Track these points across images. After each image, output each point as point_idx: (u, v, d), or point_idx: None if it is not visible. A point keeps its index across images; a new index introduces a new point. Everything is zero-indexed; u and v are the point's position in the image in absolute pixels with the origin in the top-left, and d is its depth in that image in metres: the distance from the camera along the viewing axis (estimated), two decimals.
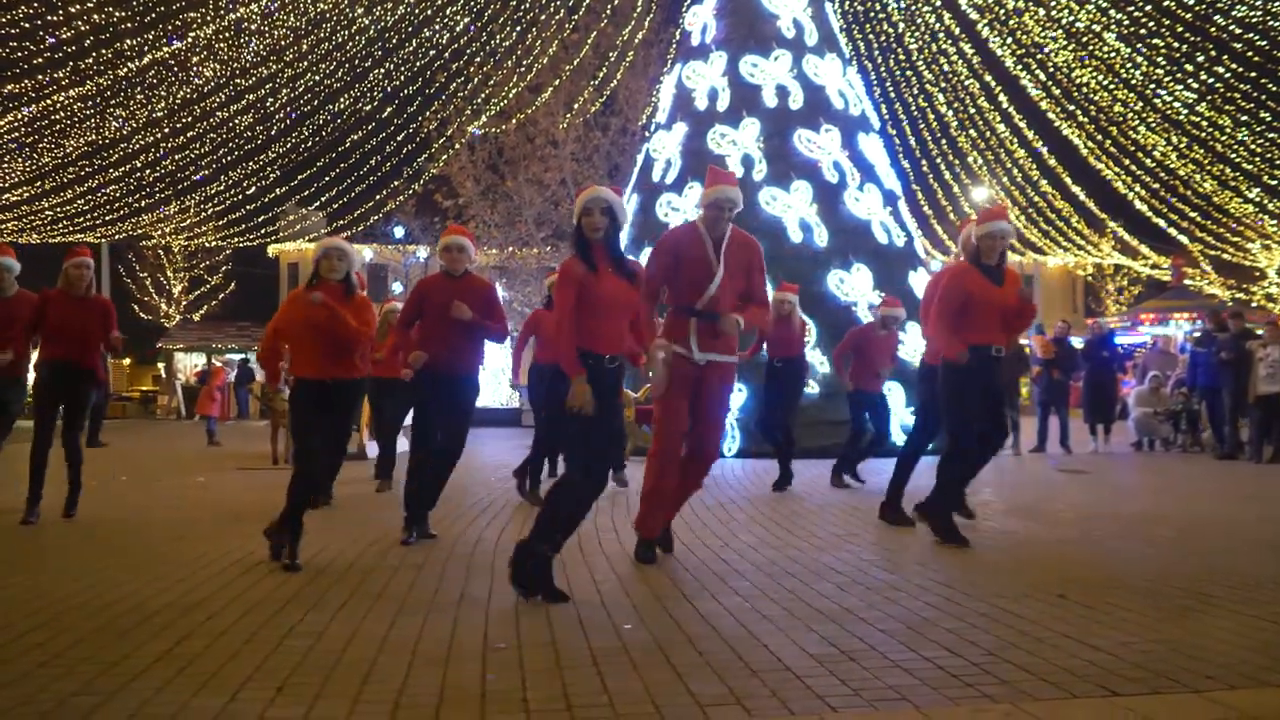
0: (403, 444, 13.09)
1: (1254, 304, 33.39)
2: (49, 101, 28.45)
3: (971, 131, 34.03)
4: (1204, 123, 31.07)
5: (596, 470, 4.90)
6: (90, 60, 28.09)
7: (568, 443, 5.11)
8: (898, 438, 13.70)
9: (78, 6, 26.32)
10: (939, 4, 30.89)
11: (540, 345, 8.99)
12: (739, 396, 13.54)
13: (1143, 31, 29.43)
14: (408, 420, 9.55)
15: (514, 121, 29.45)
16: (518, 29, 31.05)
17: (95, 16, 26.80)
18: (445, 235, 6.87)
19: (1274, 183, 32.00)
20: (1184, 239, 34.15)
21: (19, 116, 28.48)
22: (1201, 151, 32.02)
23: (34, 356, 8.04)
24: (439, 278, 6.77)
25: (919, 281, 15.18)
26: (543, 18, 30.30)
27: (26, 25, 26.64)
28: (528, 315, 10.05)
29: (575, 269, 4.95)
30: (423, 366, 6.55)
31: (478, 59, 31.63)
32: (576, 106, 29.26)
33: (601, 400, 4.84)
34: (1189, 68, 29.92)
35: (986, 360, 6.36)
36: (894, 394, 13.88)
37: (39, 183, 31.19)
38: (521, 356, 9.70)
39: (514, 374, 9.67)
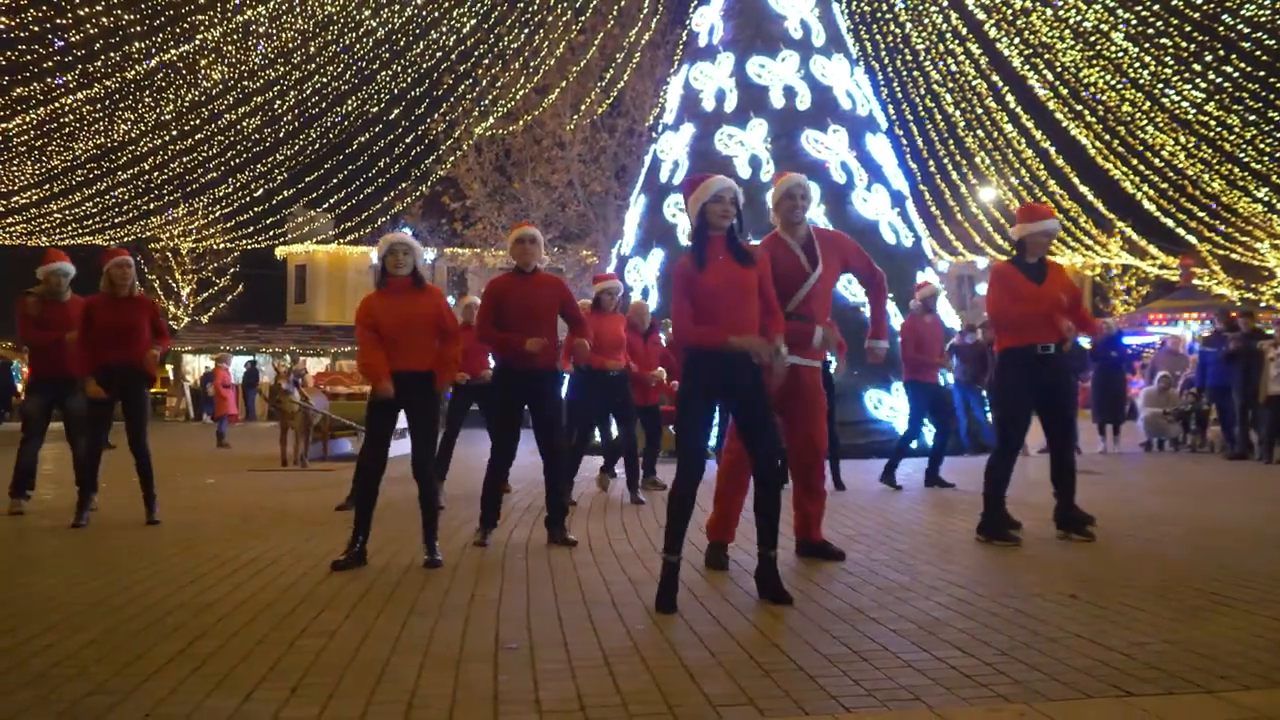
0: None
1: (1263, 304, 33.29)
2: (57, 104, 28.55)
3: (979, 131, 34.02)
4: (1212, 122, 31.04)
5: (764, 463, 4.81)
6: (99, 63, 28.21)
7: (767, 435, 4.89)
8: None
9: (86, 10, 26.41)
10: (946, 4, 30.87)
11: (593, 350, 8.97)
12: None
13: (1150, 31, 29.39)
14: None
15: (521, 123, 29.49)
16: (525, 31, 31.09)
17: (104, 19, 26.89)
18: (515, 228, 6.83)
19: None
20: (1192, 239, 34.10)
21: (28, 119, 28.59)
22: (1210, 151, 31.98)
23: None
24: (511, 277, 6.70)
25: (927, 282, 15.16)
26: (549, 19, 30.33)
27: (35, 29, 26.76)
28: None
29: (681, 267, 4.88)
30: (503, 366, 6.61)
31: (485, 61, 31.69)
32: (583, 108, 29.31)
33: (720, 386, 4.78)
34: (1197, 67, 29.88)
35: (1033, 359, 6.35)
36: (901, 394, 13.89)
37: (48, 185, 31.32)
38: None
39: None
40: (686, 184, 5.04)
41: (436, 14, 30.71)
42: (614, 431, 9.81)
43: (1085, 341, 17.41)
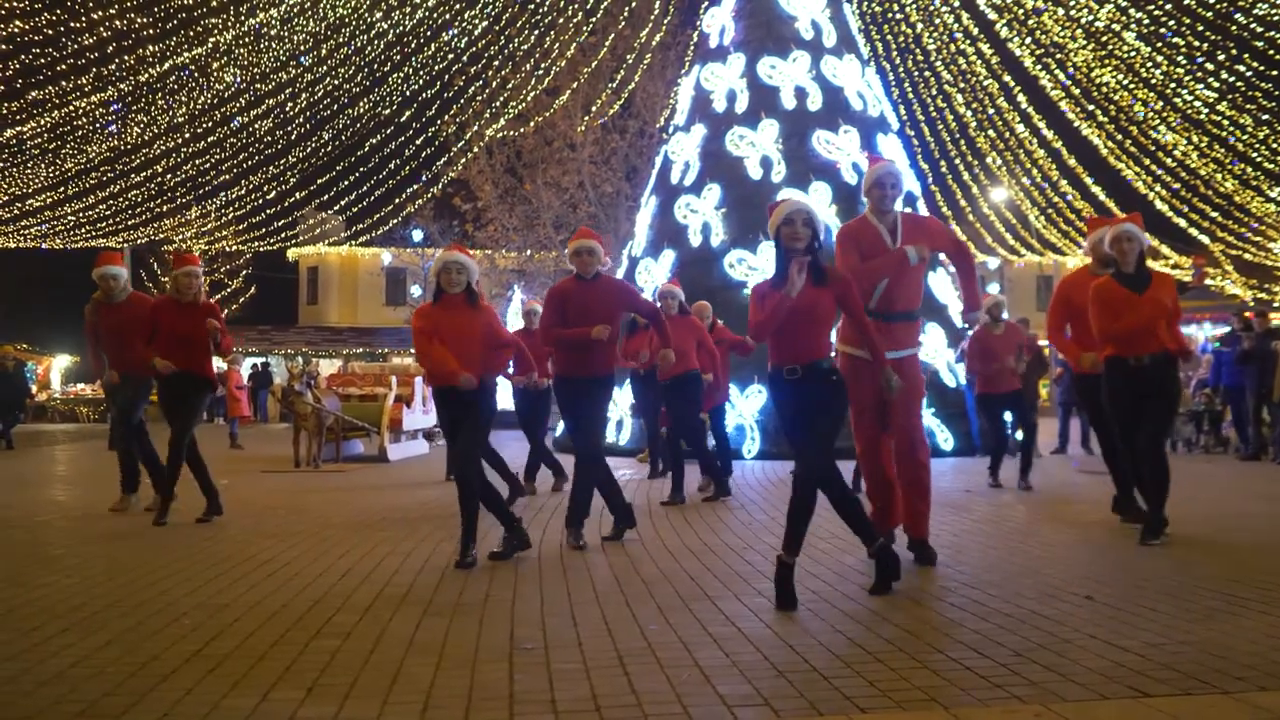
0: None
1: (1276, 304, 33.11)
2: (72, 107, 28.68)
3: (990, 132, 33.92)
4: (1225, 122, 30.87)
5: (803, 476, 4.93)
6: (112, 66, 28.33)
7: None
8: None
9: (100, 13, 26.53)
10: (957, 4, 30.80)
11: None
12: (759, 399, 13.54)
13: (1163, 30, 29.27)
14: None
15: (532, 125, 29.53)
16: (535, 32, 31.12)
17: (117, 23, 27.02)
18: (574, 239, 6.83)
19: None
20: (1205, 239, 33.93)
21: (43, 122, 28.73)
22: (1222, 151, 31.82)
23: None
24: (573, 281, 6.73)
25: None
26: (560, 21, 30.36)
27: (50, 32, 26.89)
28: None
29: (762, 289, 5.03)
30: (558, 371, 6.66)
31: (495, 63, 31.74)
32: (594, 109, 29.33)
33: (784, 409, 4.94)
34: (1209, 66, 29.73)
35: (1127, 370, 6.43)
36: None
37: (62, 188, 31.46)
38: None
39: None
40: (769, 207, 5.18)
41: (447, 16, 30.78)
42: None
43: None
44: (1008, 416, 10.49)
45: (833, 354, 5.19)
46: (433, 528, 7.35)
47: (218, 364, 8.75)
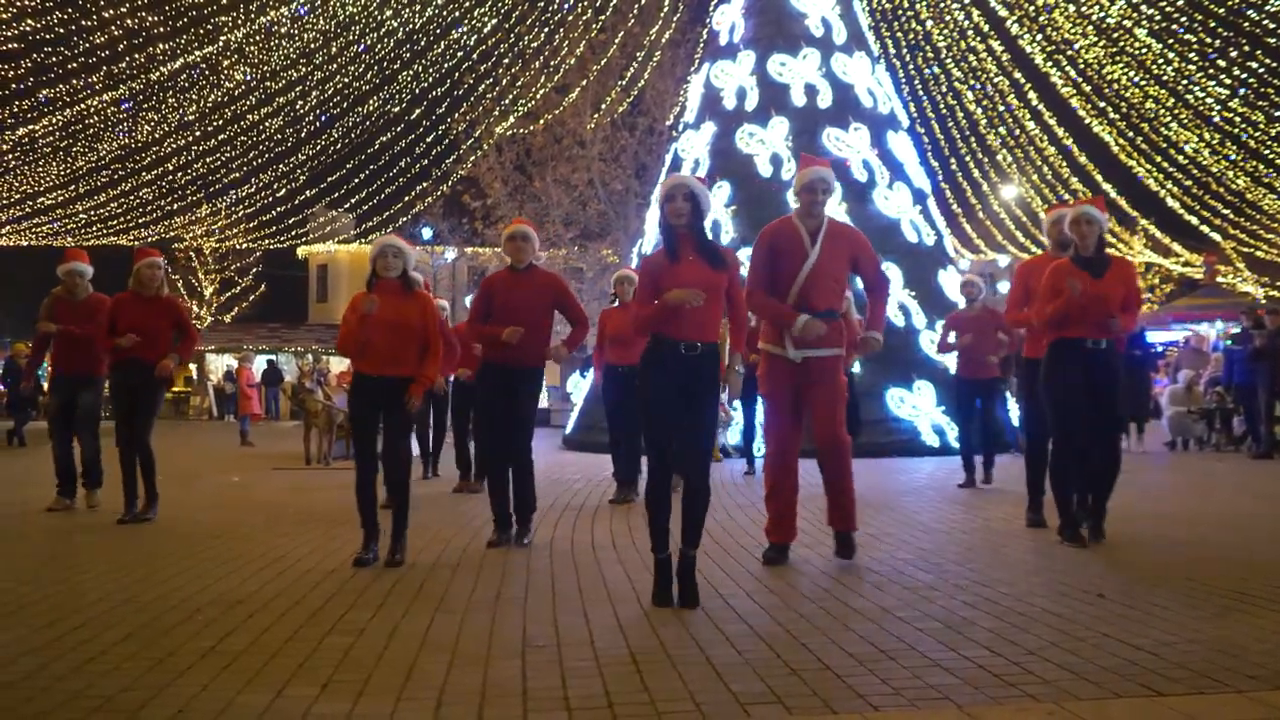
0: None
1: None
2: (83, 106, 28.80)
3: (1001, 129, 33.84)
4: (1237, 119, 30.76)
5: (653, 459, 4.83)
6: (123, 65, 28.43)
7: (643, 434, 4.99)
8: (929, 437, 13.67)
9: (111, 12, 26.62)
10: (968, 1, 30.73)
11: (612, 347, 8.93)
12: None
13: (1174, 27, 29.16)
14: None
15: (541, 122, 29.54)
16: (545, 30, 31.14)
17: (128, 21, 27.11)
18: (510, 225, 6.85)
19: None
20: (1216, 236, 33.81)
21: (54, 121, 28.84)
22: (1234, 148, 31.69)
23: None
24: (505, 273, 6.74)
25: (948, 280, 15.12)
26: (570, 18, 30.37)
27: (61, 31, 27.00)
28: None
29: (652, 261, 4.97)
30: (486, 362, 6.59)
31: (505, 60, 31.76)
32: (604, 107, 29.33)
33: (679, 386, 4.78)
34: (1221, 63, 29.61)
35: (1079, 354, 6.25)
36: (923, 393, 13.86)
37: (73, 186, 31.60)
38: (601, 359, 9.39)
39: (597, 376, 9.51)
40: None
41: (457, 14, 30.81)
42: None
43: None
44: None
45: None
46: (443, 524, 7.36)
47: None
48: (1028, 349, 7.09)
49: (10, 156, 29.76)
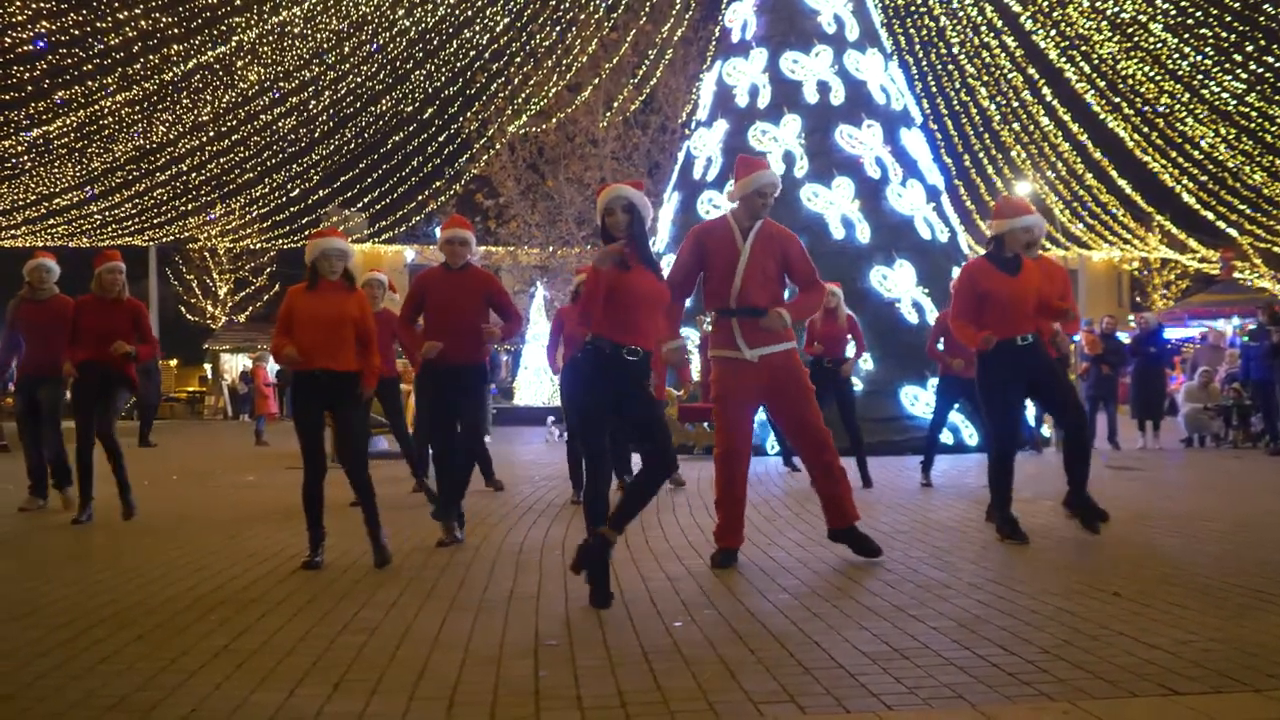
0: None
1: None
2: (97, 107, 28.93)
3: (1015, 125, 33.70)
4: (1253, 114, 30.56)
5: (590, 458, 4.88)
6: (138, 66, 28.56)
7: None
8: (943, 434, 13.60)
9: (125, 13, 26.74)
10: None
11: (568, 342, 8.95)
12: None
13: (1190, 22, 28.98)
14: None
15: (554, 121, 29.55)
16: (557, 28, 31.15)
17: (142, 23, 27.22)
18: (446, 227, 6.84)
19: None
20: (1233, 232, 33.62)
21: (69, 122, 28.98)
22: (1251, 143, 31.50)
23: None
24: (439, 271, 6.74)
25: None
26: (582, 17, 30.37)
27: (76, 32, 27.13)
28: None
29: (605, 273, 4.88)
30: (427, 363, 6.53)
31: (518, 59, 31.78)
32: (616, 105, 29.33)
33: (622, 390, 4.82)
34: (1237, 58, 29.44)
35: (1015, 351, 6.22)
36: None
37: (88, 187, 31.75)
38: (556, 354, 9.43)
39: (553, 369, 9.51)
40: (598, 192, 5.19)
41: (469, 13, 30.84)
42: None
43: (1125, 337, 17.27)
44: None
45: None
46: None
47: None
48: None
49: (26, 158, 29.93)
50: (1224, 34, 29.01)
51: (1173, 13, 28.78)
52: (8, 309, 8.48)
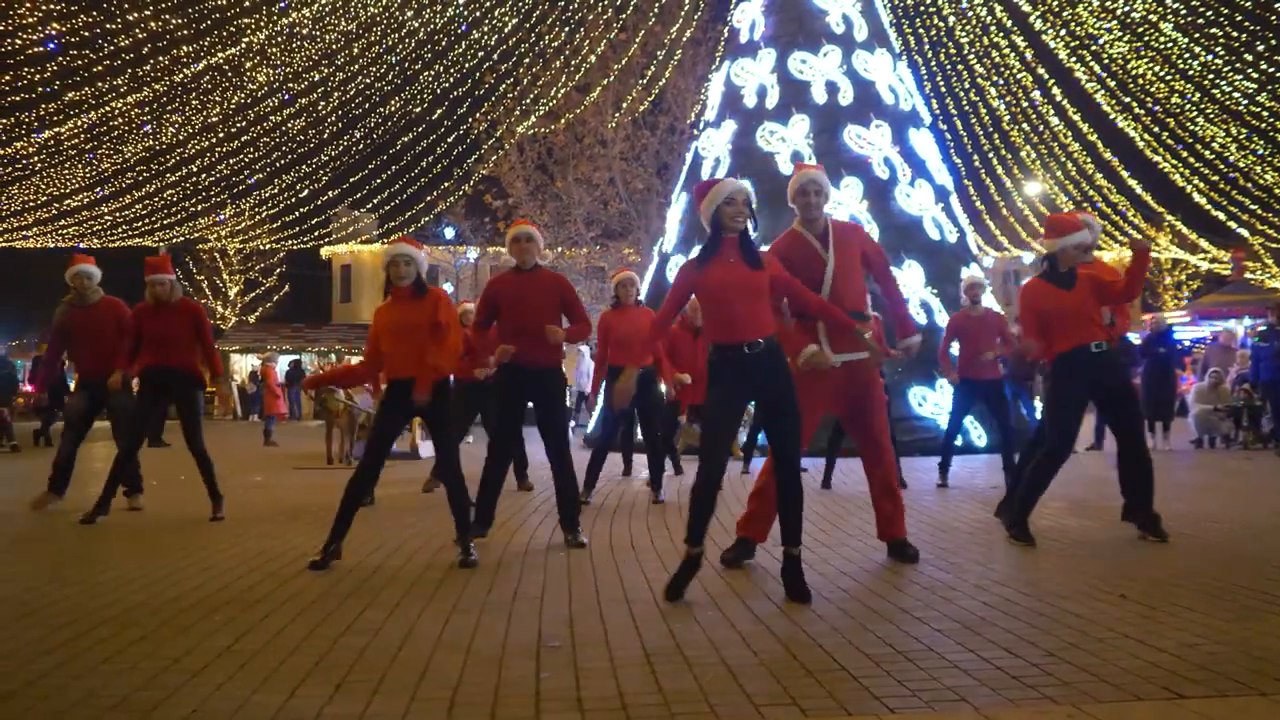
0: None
1: None
2: (108, 108, 29.02)
3: (1024, 125, 33.61)
4: (1265, 113, 30.44)
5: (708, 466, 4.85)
6: (148, 67, 28.65)
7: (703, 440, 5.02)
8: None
9: (135, 15, 26.83)
10: None
11: (613, 347, 8.93)
12: None
13: (1200, 21, 28.87)
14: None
15: (563, 122, 29.56)
16: (566, 29, 31.16)
17: (152, 24, 27.30)
18: (511, 227, 6.83)
19: None
20: (1244, 232, 33.48)
21: (79, 123, 29.09)
22: (1262, 143, 31.38)
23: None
24: (510, 274, 6.75)
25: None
26: (590, 18, 30.38)
27: (86, 34, 27.22)
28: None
29: (683, 270, 5.09)
30: (507, 362, 6.55)
31: (526, 60, 31.81)
32: (625, 106, 29.32)
33: (748, 387, 4.86)
34: (1248, 57, 29.32)
35: (1089, 358, 6.27)
36: (946, 392, 13.77)
37: (99, 188, 31.87)
38: (604, 364, 9.30)
39: (594, 385, 9.36)
40: (697, 189, 5.11)
41: (478, 14, 30.88)
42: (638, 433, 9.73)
43: (1135, 337, 17.20)
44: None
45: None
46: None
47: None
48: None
49: (36, 159, 30.05)
50: (1235, 33, 28.90)
51: (1183, 12, 28.68)
52: (55, 315, 8.53)
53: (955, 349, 9.87)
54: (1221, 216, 32.97)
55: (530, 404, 6.69)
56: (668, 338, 9.19)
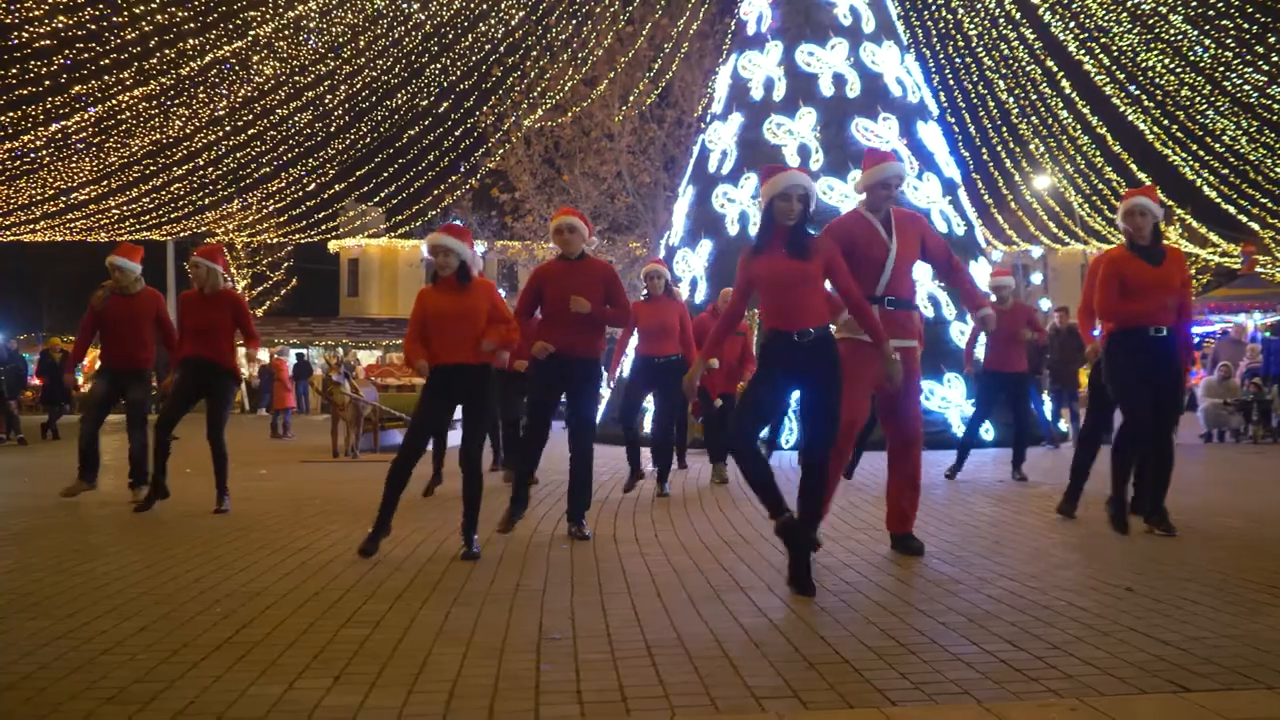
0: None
1: None
2: (115, 101, 29.05)
3: (1033, 118, 33.49)
4: (1275, 105, 30.27)
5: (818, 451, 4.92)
6: (154, 60, 28.66)
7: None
8: (959, 429, 13.53)
9: (142, 8, 26.84)
10: None
11: (642, 338, 8.89)
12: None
13: (1210, 13, 28.71)
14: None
15: (569, 115, 29.52)
16: (573, 22, 31.11)
17: (159, 17, 27.31)
18: (556, 216, 6.79)
19: None
20: (1255, 225, 33.33)
21: (86, 116, 29.13)
22: (1273, 135, 31.21)
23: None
24: (555, 263, 6.72)
25: (979, 271, 14.95)
26: (597, 11, 30.33)
27: (93, 27, 27.24)
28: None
29: (740, 260, 5.14)
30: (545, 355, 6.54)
31: (533, 53, 31.77)
32: (632, 99, 29.25)
33: (792, 374, 4.87)
34: (1259, 49, 29.15)
35: (1148, 341, 6.25)
36: (954, 385, 13.73)
37: (106, 181, 31.90)
38: (625, 352, 9.22)
39: (611, 372, 9.29)
40: (763, 171, 5.13)
41: (484, 6, 30.84)
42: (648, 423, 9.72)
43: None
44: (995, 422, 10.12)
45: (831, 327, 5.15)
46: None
47: (261, 354, 8.82)
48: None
49: (44, 152, 30.10)
50: (1245, 25, 28.73)
51: (1193, 3, 28.52)
52: (93, 300, 8.48)
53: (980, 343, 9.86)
54: (1232, 210, 32.84)
55: (564, 394, 6.67)
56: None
